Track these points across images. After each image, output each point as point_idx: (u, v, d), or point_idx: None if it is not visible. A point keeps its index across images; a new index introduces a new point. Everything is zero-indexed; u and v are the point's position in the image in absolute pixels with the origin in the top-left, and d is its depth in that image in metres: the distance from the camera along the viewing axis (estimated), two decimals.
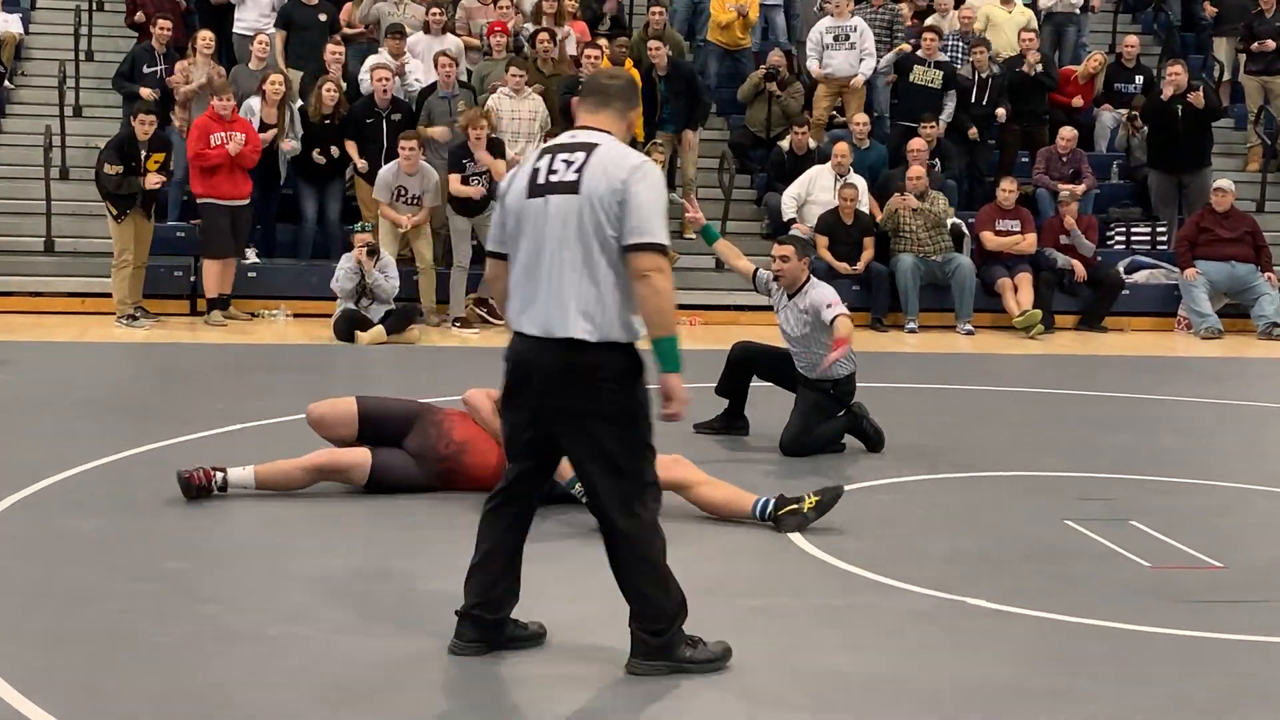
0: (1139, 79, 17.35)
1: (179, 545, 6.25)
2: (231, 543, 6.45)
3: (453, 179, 13.65)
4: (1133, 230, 16.24)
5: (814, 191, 14.96)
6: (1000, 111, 16.08)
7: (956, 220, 15.11)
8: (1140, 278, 15.59)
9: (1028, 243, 14.98)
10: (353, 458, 7.05)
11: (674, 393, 4.73)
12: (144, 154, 13.00)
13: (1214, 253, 15.03)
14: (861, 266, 14.54)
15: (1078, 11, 18.27)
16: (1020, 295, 14.75)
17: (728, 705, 4.68)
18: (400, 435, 7.22)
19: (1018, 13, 17.21)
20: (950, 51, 16.51)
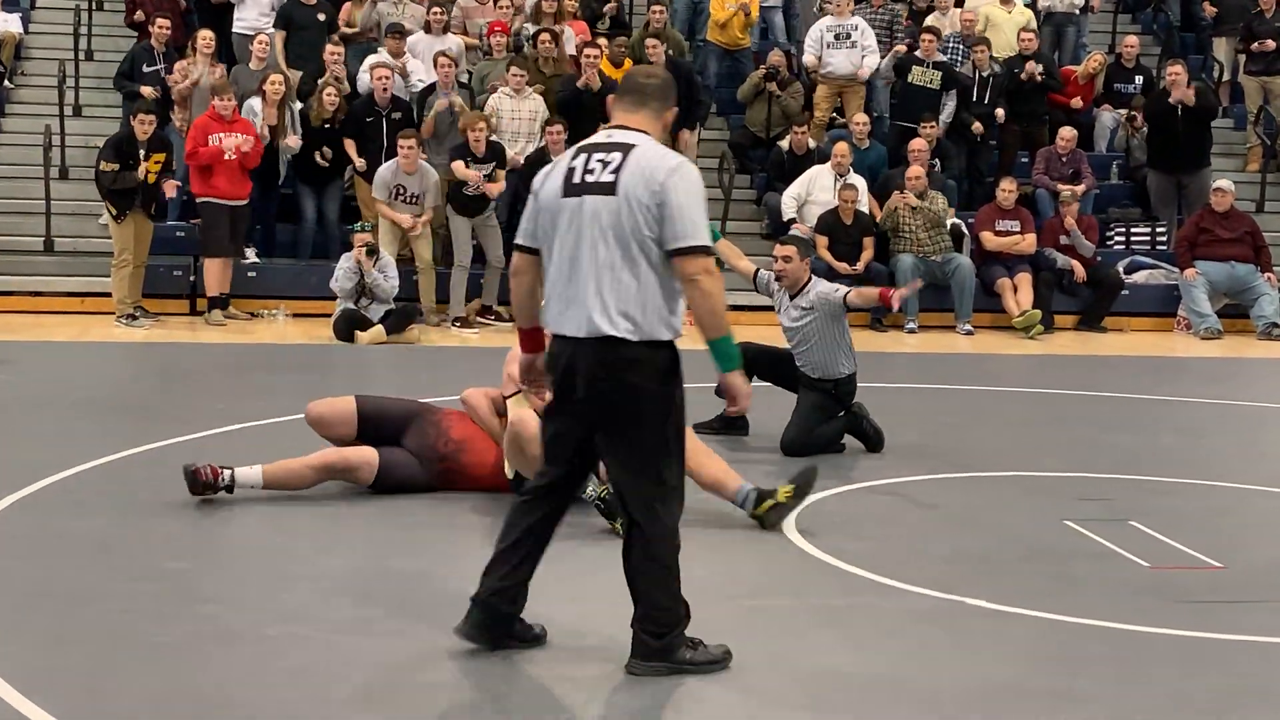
0: (1139, 79, 17.35)
1: (179, 545, 6.25)
2: (231, 543, 6.45)
3: (456, 165, 13.63)
4: (1132, 230, 16.25)
5: (814, 191, 14.96)
6: (999, 113, 16.08)
7: (956, 220, 15.12)
8: (1140, 278, 15.60)
9: (1027, 243, 14.98)
10: (361, 457, 7.04)
11: (738, 390, 4.80)
12: (143, 153, 13.00)
13: (1213, 253, 15.04)
14: (861, 267, 14.54)
15: (1077, 12, 18.28)
16: (1020, 295, 14.76)
17: (727, 705, 4.67)
18: (399, 434, 7.22)
19: (1017, 13, 17.22)
20: (951, 54, 16.51)
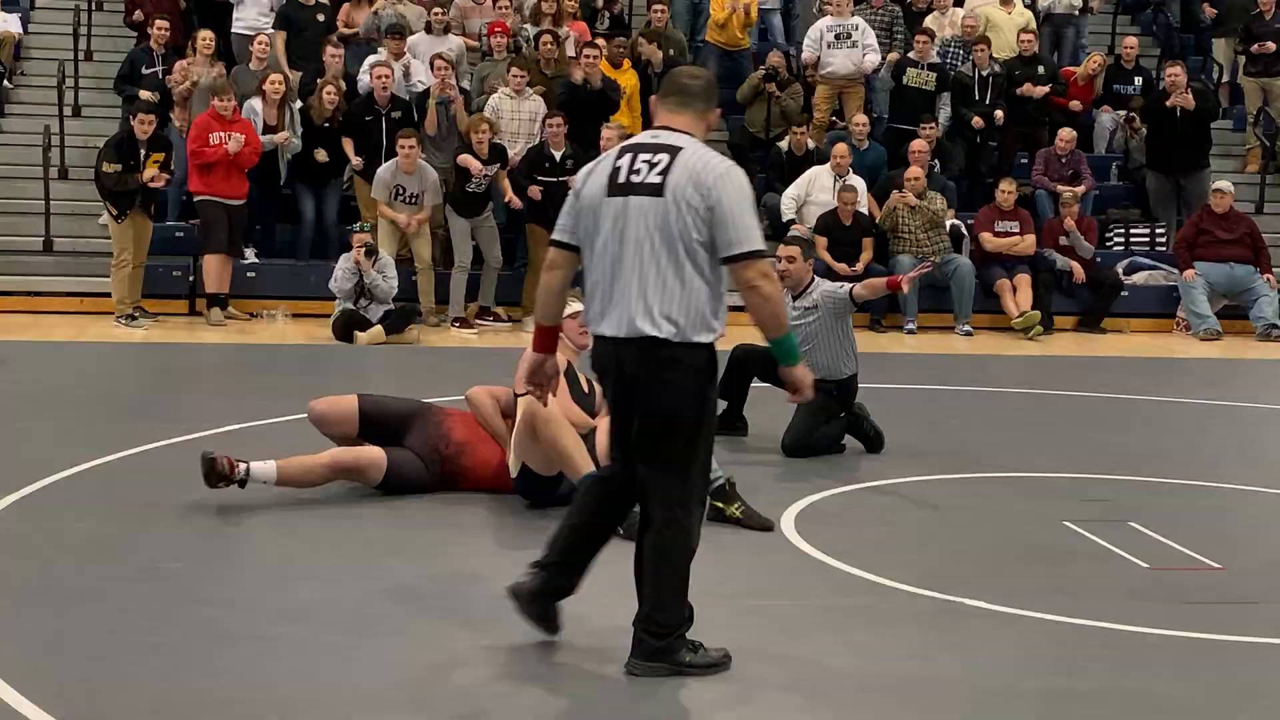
0: (1138, 80, 17.34)
1: (177, 545, 6.25)
2: (230, 543, 6.45)
3: (464, 157, 13.61)
4: (1131, 232, 16.25)
5: (813, 192, 14.96)
6: (999, 114, 16.07)
7: (956, 221, 15.12)
8: (1139, 279, 15.60)
9: (1027, 244, 14.98)
10: (370, 458, 7.03)
11: (803, 381, 4.88)
12: (143, 154, 13.01)
13: (1213, 254, 15.04)
14: (860, 267, 14.54)
15: (1076, 13, 18.28)
16: (1019, 296, 14.76)
17: (725, 706, 4.67)
18: (400, 434, 7.20)
19: (1017, 14, 17.21)
20: (951, 58, 16.49)
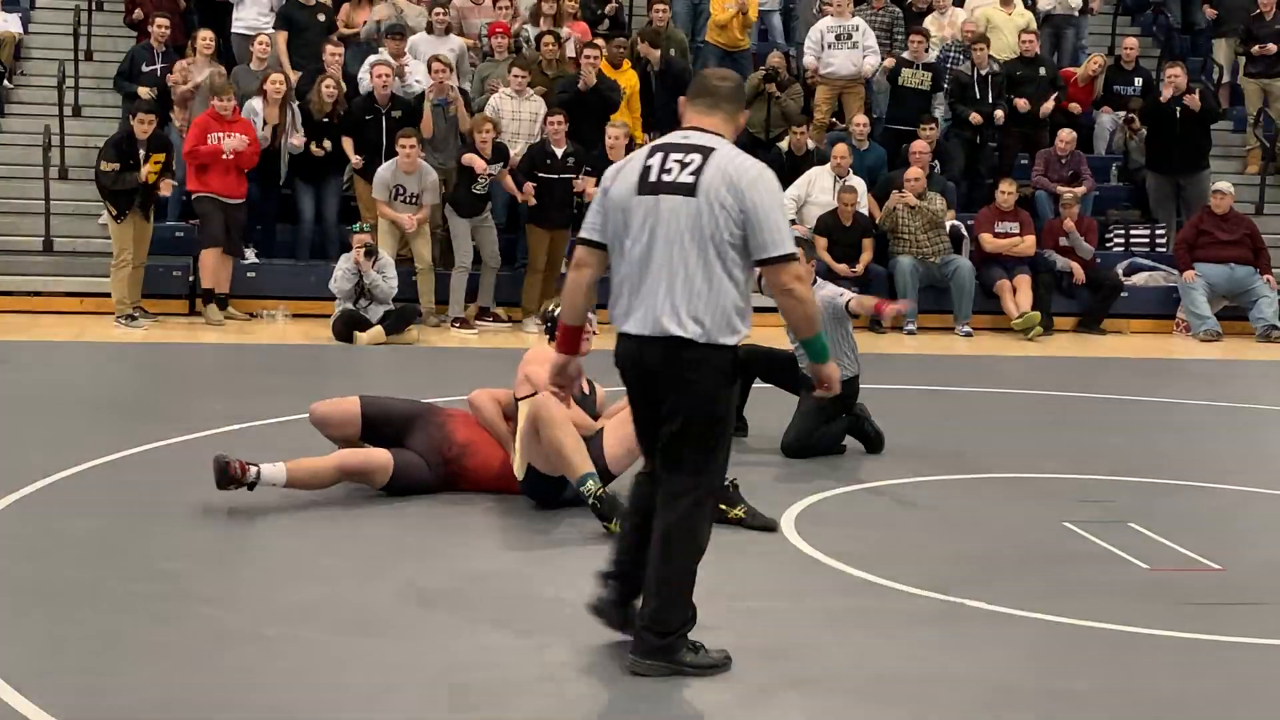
0: (1138, 81, 17.34)
1: (177, 545, 6.25)
2: (229, 543, 6.44)
3: (469, 156, 13.61)
4: (1132, 232, 16.26)
5: (813, 193, 14.96)
6: (999, 114, 16.07)
7: (956, 222, 15.12)
8: (1139, 280, 15.60)
9: (1027, 245, 14.98)
10: (377, 460, 7.03)
11: (832, 376, 4.97)
12: (143, 153, 13.00)
13: (1213, 255, 15.04)
14: (860, 268, 14.55)
15: (1076, 14, 18.28)
16: (1019, 297, 14.77)
17: (725, 706, 4.67)
18: (402, 435, 7.20)
19: (1017, 14, 17.20)
20: (951, 61, 16.48)
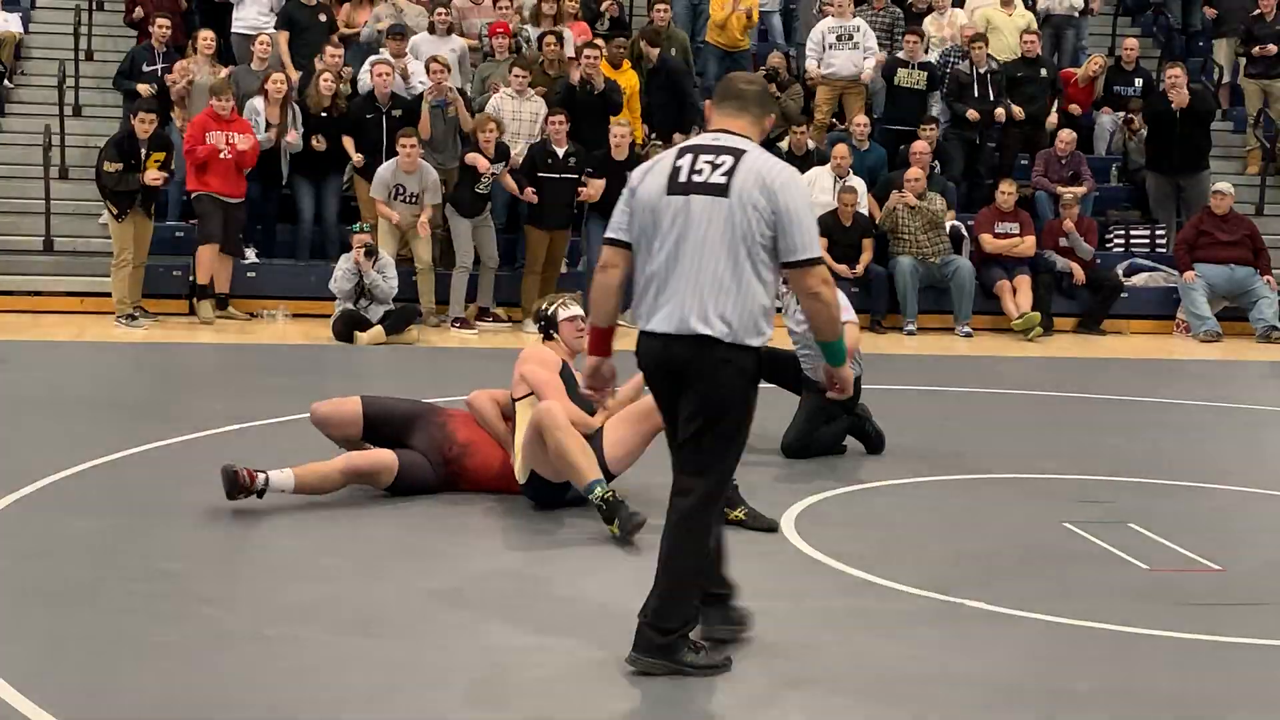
0: (1138, 81, 17.35)
1: (178, 545, 6.25)
2: (230, 543, 6.44)
3: (473, 156, 13.60)
4: (1132, 233, 16.26)
5: (813, 193, 14.93)
6: (999, 112, 16.06)
7: (956, 223, 15.12)
8: (1139, 280, 15.60)
9: (1027, 245, 14.99)
10: (383, 462, 7.02)
11: (847, 379, 5.03)
12: (144, 152, 13.01)
13: (1213, 256, 15.04)
14: (860, 269, 14.55)
15: (1076, 14, 18.27)
16: (1019, 298, 14.77)
17: (725, 707, 4.68)
18: (404, 435, 7.20)
19: (1018, 15, 17.19)
20: (951, 66, 16.47)
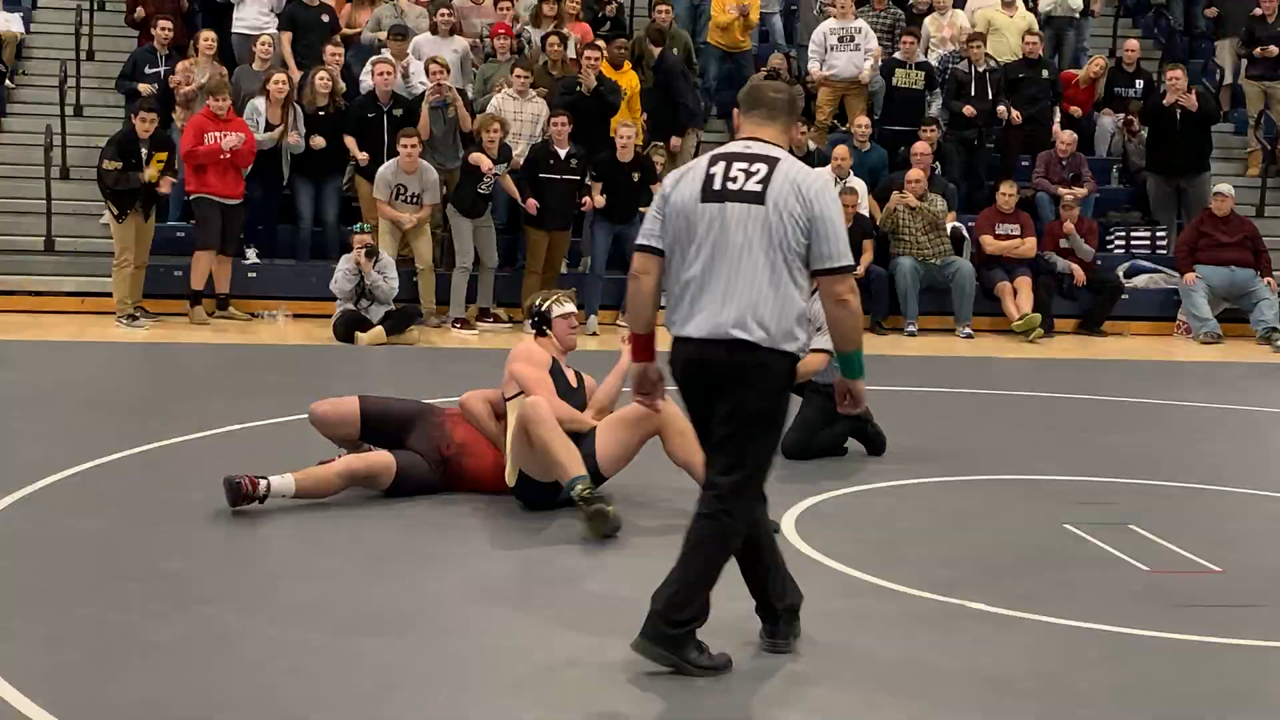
0: (1139, 83, 17.35)
1: (178, 545, 6.25)
2: (230, 543, 6.45)
3: (476, 155, 13.60)
4: (1132, 234, 16.26)
5: None
6: (1001, 110, 16.06)
7: (957, 224, 15.12)
8: (1140, 282, 15.60)
9: (1027, 247, 14.99)
10: (381, 464, 7.03)
11: (859, 394, 5.00)
12: (145, 152, 13.01)
13: (1213, 257, 15.04)
14: (861, 270, 14.54)
15: (1077, 16, 18.27)
16: (1020, 299, 14.77)
17: (724, 707, 4.68)
18: (401, 435, 7.20)
19: (1019, 17, 17.19)
20: (947, 66, 16.48)
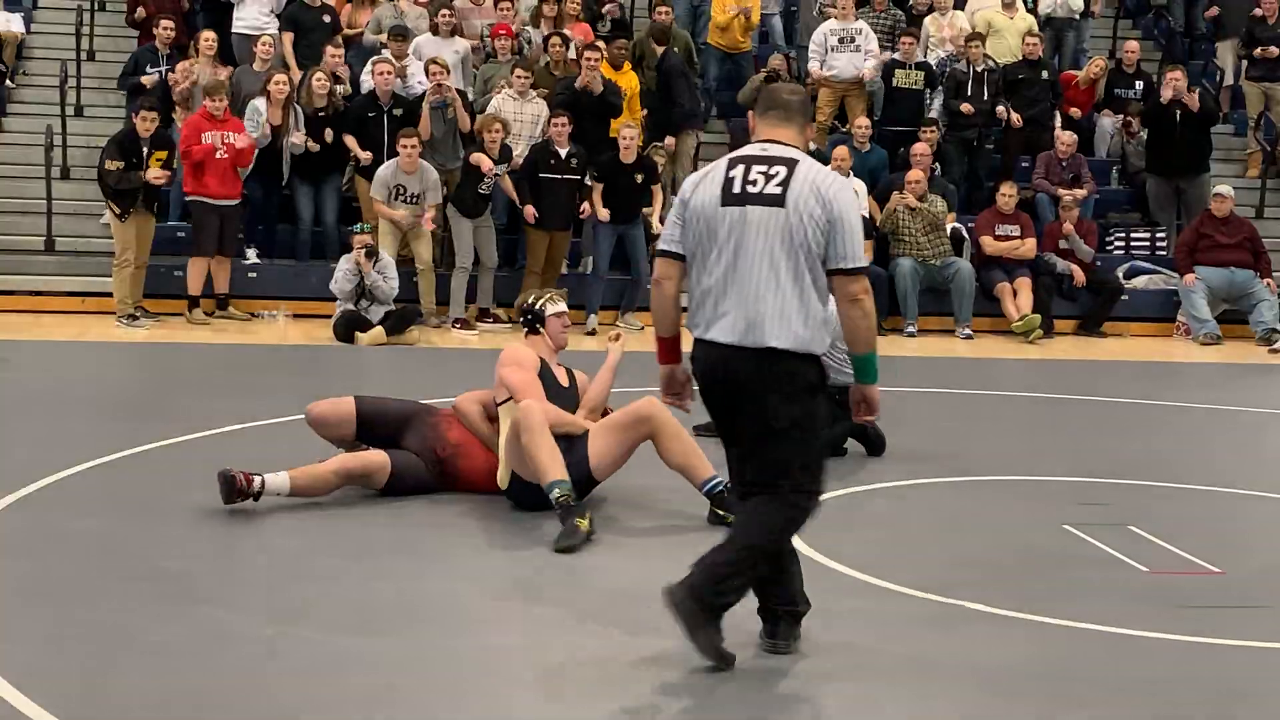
0: (1139, 84, 17.35)
1: (177, 545, 6.25)
2: (229, 543, 6.44)
3: (477, 155, 13.60)
4: (1132, 235, 16.26)
5: None
6: (1000, 110, 16.06)
7: (957, 225, 15.13)
8: (1139, 283, 15.60)
9: (1027, 247, 14.99)
10: (376, 462, 7.03)
11: (873, 401, 4.94)
12: (146, 151, 13.02)
13: (1213, 258, 15.04)
14: None
15: (1077, 17, 18.27)
16: (1019, 300, 14.77)
17: (723, 706, 4.68)
18: (397, 435, 7.21)
19: (1019, 18, 17.18)
20: (946, 68, 16.48)
